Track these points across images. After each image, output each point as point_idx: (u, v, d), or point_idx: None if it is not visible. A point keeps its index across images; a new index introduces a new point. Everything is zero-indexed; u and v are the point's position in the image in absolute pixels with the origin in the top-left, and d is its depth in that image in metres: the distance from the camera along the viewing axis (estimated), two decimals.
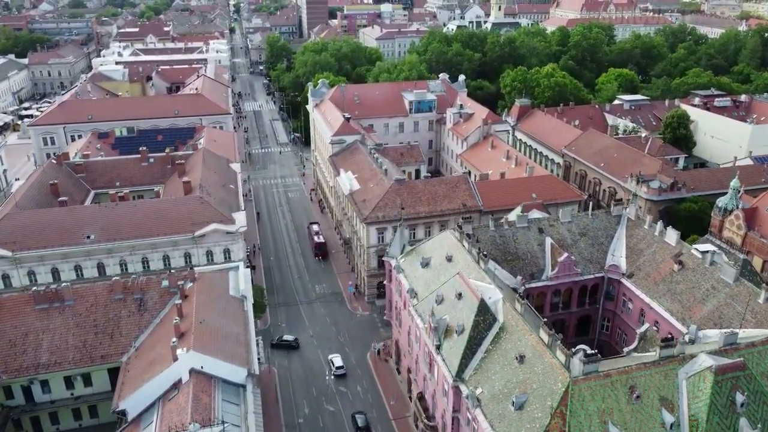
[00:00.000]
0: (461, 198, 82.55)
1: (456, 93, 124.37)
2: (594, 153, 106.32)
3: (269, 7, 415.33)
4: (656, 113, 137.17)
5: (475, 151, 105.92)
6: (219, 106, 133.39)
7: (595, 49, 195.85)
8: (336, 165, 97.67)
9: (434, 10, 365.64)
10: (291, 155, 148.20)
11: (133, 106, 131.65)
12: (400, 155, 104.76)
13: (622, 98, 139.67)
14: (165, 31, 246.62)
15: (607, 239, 64.92)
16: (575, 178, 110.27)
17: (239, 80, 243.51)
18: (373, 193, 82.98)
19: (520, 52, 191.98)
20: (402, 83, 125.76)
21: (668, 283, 57.42)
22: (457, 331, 48.68)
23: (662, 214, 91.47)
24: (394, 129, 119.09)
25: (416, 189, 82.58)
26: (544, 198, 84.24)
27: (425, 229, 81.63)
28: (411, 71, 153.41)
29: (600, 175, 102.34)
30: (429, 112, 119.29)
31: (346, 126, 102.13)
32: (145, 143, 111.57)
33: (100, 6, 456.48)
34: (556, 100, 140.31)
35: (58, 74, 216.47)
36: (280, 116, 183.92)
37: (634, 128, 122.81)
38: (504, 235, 62.91)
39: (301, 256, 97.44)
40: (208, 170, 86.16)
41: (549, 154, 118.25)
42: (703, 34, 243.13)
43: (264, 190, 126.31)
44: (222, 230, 73.04)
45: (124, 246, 70.78)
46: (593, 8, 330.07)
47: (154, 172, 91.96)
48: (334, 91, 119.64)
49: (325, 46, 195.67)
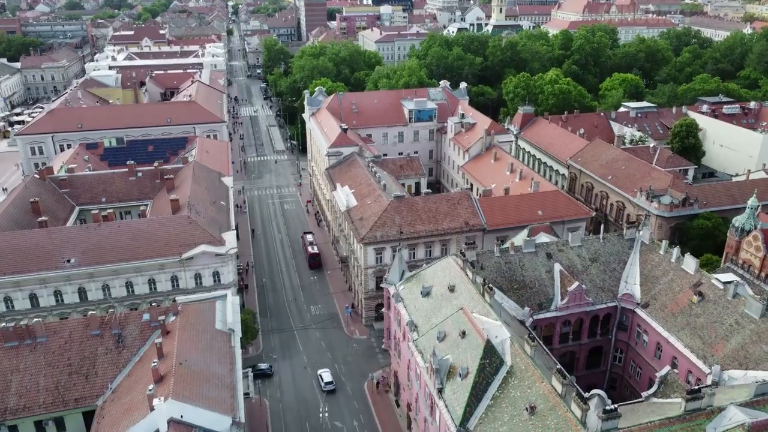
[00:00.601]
0: (463, 216, 78.56)
1: (457, 101, 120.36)
2: (601, 165, 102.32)
3: (268, 9, 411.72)
4: (663, 121, 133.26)
5: (478, 163, 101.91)
6: (213, 114, 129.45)
7: (598, 53, 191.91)
8: (332, 178, 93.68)
9: (434, 11, 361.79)
10: (287, 164, 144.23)
11: (125, 114, 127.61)
12: (400, 167, 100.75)
13: (628, 105, 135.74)
14: (161, 34, 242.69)
15: (619, 265, 60.93)
16: (581, 190, 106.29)
17: (236, 84, 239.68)
18: (370, 210, 78.99)
19: (522, 57, 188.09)
20: (401, 91, 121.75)
21: (687, 315, 53.43)
22: (461, 374, 44.69)
23: (673, 231, 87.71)
24: (394, 138, 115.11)
25: (416, 206, 78.57)
26: (551, 215, 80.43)
27: (426, 249, 77.69)
28: (411, 77, 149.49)
29: (607, 189, 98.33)
30: (429, 121, 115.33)
31: (343, 137, 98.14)
32: (135, 154, 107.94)
33: (98, 7, 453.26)
34: (560, 108, 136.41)
35: (51, 78, 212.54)
36: (277, 122, 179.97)
37: (641, 137, 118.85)
38: (510, 261, 58.92)
39: (296, 273, 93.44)
40: (198, 186, 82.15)
41: (553, 164, 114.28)
42: (707, 37, 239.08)
43: (259, 202, 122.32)
44: (211, 252, 69.06)
45: (107, 270, 66.83)
46: (595, 10, 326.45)
47: (142, 186, 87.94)
48: (331, 100, 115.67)
49: (323, 50, 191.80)
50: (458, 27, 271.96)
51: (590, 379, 61.72)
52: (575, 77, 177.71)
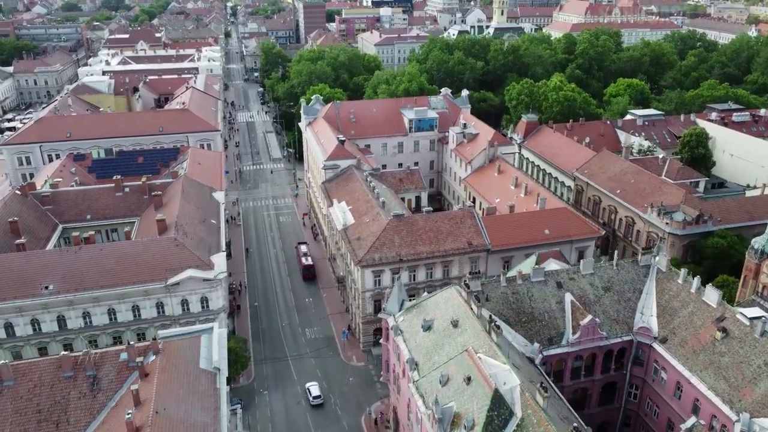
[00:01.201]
0: (466, 235, 74.50)
1: (459, 109, 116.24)
2: (609, 178, 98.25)
3: (266, 11, 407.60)
4: (671, 129, 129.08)
5: (481, 175, 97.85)
6: (207, 123, 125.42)
7: (602, 57, 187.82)
8: (329, 193, 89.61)
9: (435, 13, 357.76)
10: (284, 173, 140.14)
11: (115, 123, 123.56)
12: (399, 181, 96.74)
13: (635, 113, 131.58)
14: (156, 37, 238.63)
15: (634, 294, 56.88)
16: (588, 203, 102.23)
17: (233, 88, 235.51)
18: (368, 229, 74.94)
19: (524, 61, 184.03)
20: (401, 99, 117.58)
21: (710, 353, 49.38)
22: (466, 426, 40.64)
23: (686, 250, 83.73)
24: (393, 149, 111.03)
25: (416, 226, 74.51)
26: (558, 234, 76.53)
27: (427, 271, 73.65)
28: (411, 83, 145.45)
29: (616, 203, 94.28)
30: (430, 131, 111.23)
31: (341, 150, 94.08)
32: (125, 166, 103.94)
33: (95, 9, 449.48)
34: (565, 115, 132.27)
35: (44, 83, 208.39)
36: (274, 128, 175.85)
37: (650, 147, 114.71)
38: (517, 291, 54.87)
39: (291, 292, 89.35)
40: (187, 203, 78.08)
41: (559, 175, 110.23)
42: (712, 40, 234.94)
43: (254, 213, 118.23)
44: (198, 277, 65.06)
45: (88, 297, 62.81)
46: (597, 12, 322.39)
47: (129, 203, 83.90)
48: (328, 109, 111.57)
49: (321, 54, 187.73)
50: (459, 29, 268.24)
51: (604, 416, 57.86)
52: (579, 82, 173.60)
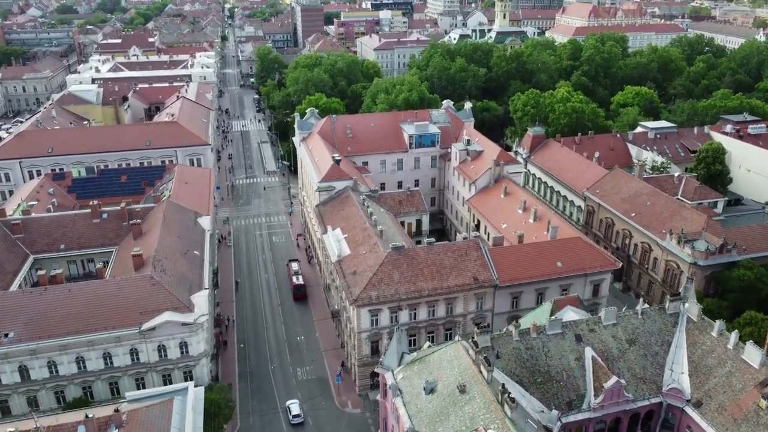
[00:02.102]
0: (472, 269, 68.31)
1: (462, 123, 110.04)
2: (623, 199, 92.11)
3: (264, 13, 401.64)
4: (684, 142, 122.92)
5: (486, 196, 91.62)
6: (196, 136, 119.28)
7: (609, 64, 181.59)
8: (323, 218, 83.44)
9: (435, 16, 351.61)
10: (278, 187, 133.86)
11: (100, 137, 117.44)
12: (399, 203, 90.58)
13: (646, 125, 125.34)
14: (149, 42, 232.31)
15: (662, 347, 50.72)
16: (599, 226, 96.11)
17: (228, 94, 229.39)
18: (365, 263, 68.75)
19: (528, 68, 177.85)
20: (400, 113, 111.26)
21: (754, 425, 43.23)
22: None
23: (708, 281, 77.58)
24: (392, 166, 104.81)
25: (417, 259, 68.30)
26: (572, 267, 70.39)
27: (429, 309, 67.45)
28: (411, 92, 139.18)
29: (630, 227, 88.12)
30: (432, 146, 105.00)
31: (336, 170, 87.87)
32: (107, 186, 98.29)
33: (90, 12, 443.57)
34: (573, 128, 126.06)
35: (33, 90, 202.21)
36: (269, 138, 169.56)
37: (663, 164, 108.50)
38: (532, 347, 48.68)
39: (282, 324, 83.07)
40: (168, 233, 71.88)
41: (568, 194, 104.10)
42: (720, 45, 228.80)
43: (246, 233, 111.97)
44: (177, 321, 58.90)
45: (53, 345, 56.65)
46: (601, 15, 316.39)
47: (107, 230, 77.72)
48: (323, 123, 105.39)
49: (318, 60, 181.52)
50: (460, 33, 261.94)
51: None
52: (584, 89, 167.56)
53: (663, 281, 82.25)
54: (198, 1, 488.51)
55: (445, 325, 68.79)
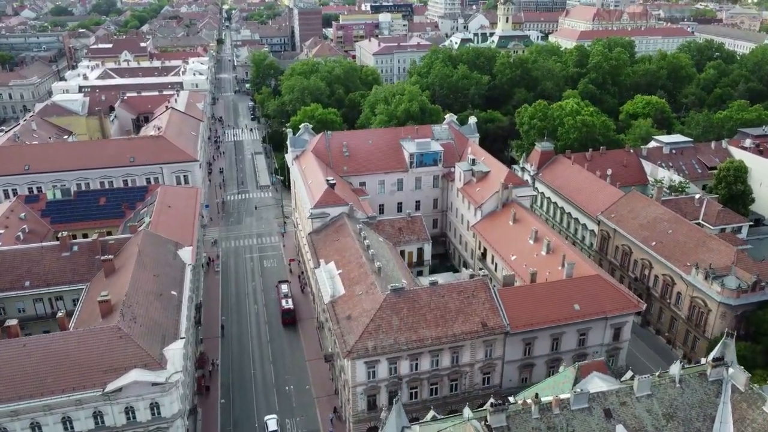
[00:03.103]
0: (480, 313, 61.28)
1: (466, 140, 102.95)
2: (641, 225, 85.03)
3: (262, 15, 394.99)
4: (701, 158, 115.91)
5: (493, 223, 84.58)
6: (184, 152, 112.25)
7: (617, 71, 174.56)
8: (316, 249, 76.41)
9: (436, 19, 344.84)
10: (271, 203, 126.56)
11: (81, 153, 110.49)
12: (399, 230, 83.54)
13: (660, 140, 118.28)
14: (141, 47, 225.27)
15: (705, 423, 43.68)
16: (615, 253, 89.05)
17: (222, 101, 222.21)
18: (361, 306, 61.72)
19: (533, 75, 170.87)
20: (400, 129, 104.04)
21: None
22: None
23: (739, 321, 70.56)
24: (391, 187, 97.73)
25: (419, 302, 61.24)
26: (591, 310, 63.43)
27: (432, 359, 60.41)
28: (411, 102, 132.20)
29: (650, 257, 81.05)
30: (434, 165, 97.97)
31: (330, 195, 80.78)
32: (84, 209, 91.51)
33: (85, 13, 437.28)
34: (583, 142, 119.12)
35: (20, 97, 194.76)
36: (264, 149, 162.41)
37: (682, 184, 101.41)
38: (554, 425, 41.65)
39: (271, 365, 75.86)
40: (143, 270, 64.79)
41: (580, 216, 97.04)
42: (731, 51, 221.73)
43: (236, 256, 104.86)
44: (146, 381, 51.84)
45: (4, 411, 49.57)
46: (605, 18, 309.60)
47: (77, 265, 70.68)
48: (318, 140, 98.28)
49: (315, 67, 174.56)
50: (461, 37, 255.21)
51: None
52: (592, 98, 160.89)
53: (687, 318, 75.25)
54: (195, 3, 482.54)
55: (450, 376, 61.81)
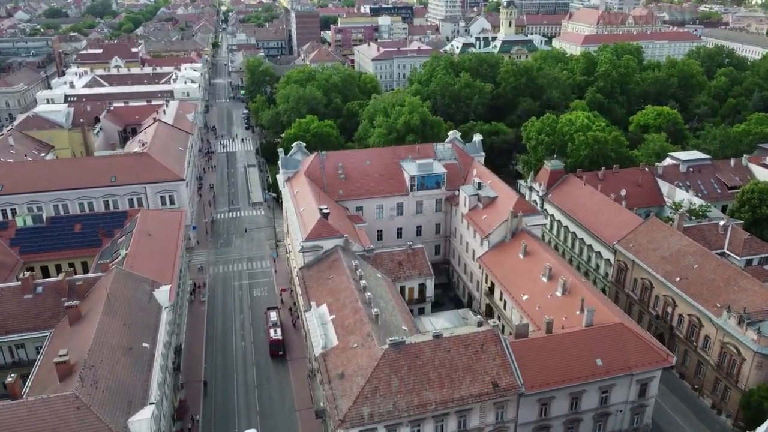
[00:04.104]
0: (490, 371, 54.24)
1: (471, 159, 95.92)
2: (663, 257, 77.95)
3: (259, 18, 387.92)
4: (720, 176, 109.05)
5: (501, 255, 77.51)
6: (169, 170, 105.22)
7: (625, 79, 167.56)
8: (307, 288, 69.35)
9: (436, 22, 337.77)
10: (263, 223, 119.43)
11: (59, 172, 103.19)
12: (398, 265, 76.45)
13: (677, 157, 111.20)
14: (132, 52, 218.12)
15: None
16: (634, 286, 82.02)
17: (216, 108, 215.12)
18: (355, 362, 54.66)
19: (538, 83, 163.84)
20: (400, 148, 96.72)
21: None
22: None
23: None
24: (390, 211, 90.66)
25: (422, 358, 54.18)
26: (615, 365, 56.60)
27: (436, 425, 53.38)
28: (411, 114, 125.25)
29: (674, 294, 73.99)
30: (436, 188, 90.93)
31: (324, 226, 73.66)
32: (57, 237, 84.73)
33: (79, 15, 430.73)
34: (594, 159, 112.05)
35: (5, 105, 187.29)
36: (257, 161, 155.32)
37: (703, 207, 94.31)
38: None
39: (257, 417, 68.89)
40: (112, 319, 57.68)
41: (594, 243, 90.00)
42: (741, 56, 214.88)
43: (224, 283, 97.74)
44: None
45: None
46: (610, 22, 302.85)
47: (42, 309, 63.66)
48: (312, 161, 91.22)
49: (312, 75, 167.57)
50: (463, 42, 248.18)
51: None
52: (600, 108, 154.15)
53: (717, 365, 68.21)
54: (192, 5, 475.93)
55: None
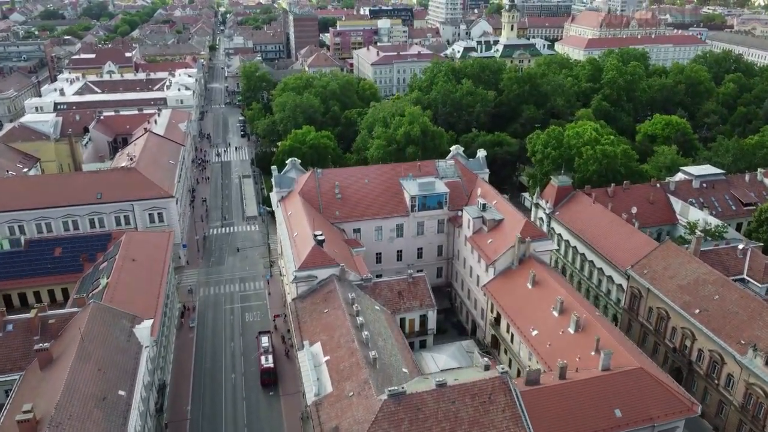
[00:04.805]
0: (499, 425, 49.34)
1: (474, 177, 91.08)
2: (680, 286, 73.07)
3: (257, 20, 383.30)
4: (735, 192, 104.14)
5: (508, 284, 72.70)
6: (158, 187, 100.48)
7: (632, 86, 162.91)
8: (300, 323, 64.49)
9: (437, 25, 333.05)
10: (257, 240, 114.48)
11: (43, 188, 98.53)
12: (398, 295, 71.60)
13: (690, 172, 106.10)
14: (127, 57, 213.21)
15: None
16: (648, 315, 77.15)
17: (212, 114, 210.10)
18: (351, 414, 49.78)
19: (542, 90, 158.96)
20: (400, 166, 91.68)
21: None
22: None
23: None
24: (390, 233, 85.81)
25: (424, 410, 49.31)
26: (635, 416, 51.74)
27: None
28: (412, 125, 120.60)
29: (693, 327, 69.13)
30: (439, 209, 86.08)
31: (318, 254, 68.84)
32: (36, 262, 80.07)
33: (76, 17, 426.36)
34: (603, 174, 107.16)
35: None
36: (252, 172, 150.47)
37: (719, 228, 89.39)
38: None
39: None
40: (86, 363, 52.78)
41: (605, 267, 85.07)
42: (750, 62, 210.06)
43: (214, 307, 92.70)
44: None
45: None
46: (613, 25, 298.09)
47: (11, 349, 58.84)
48: (307, 179, 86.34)
49: (309, 82, 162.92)
50: (464, 46, 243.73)
51: None
52: (606, 116, 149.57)
53: (742, 407, 63.31)
54: (190, 6, 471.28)
55: None
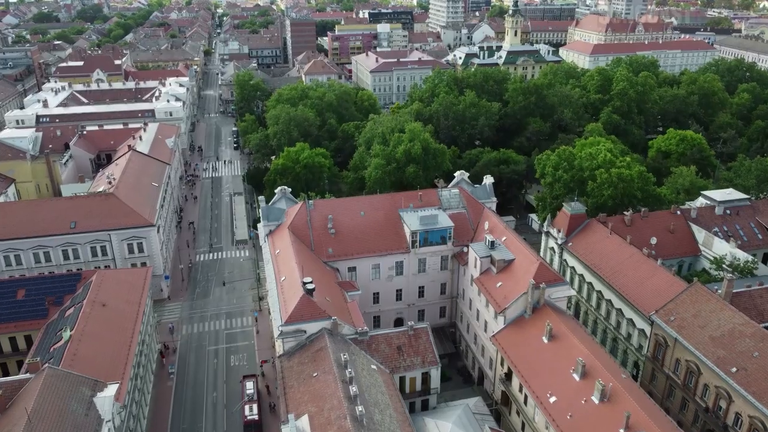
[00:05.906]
0: None
1: (481, 207, 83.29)
2: (712, 338, 65.29)
3: (254, 23, 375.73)
4: (760, 219, 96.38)
5: (520, 335, 64.95)
6: (138, 215, 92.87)
7: (643, 98, 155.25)
8: (285, 388, 56.77)
9: (438, 29, 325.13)
10: (246, 267, 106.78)
11: (10, 217, 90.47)
12: (397, 351, 63.78)
13: (712, 197, 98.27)
14: (116, 65, 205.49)
15: None
16: (675, 366, 69.33)
17: (204, 124, 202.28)
18: None
19: (548, 102, 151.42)
20: (398, 195, 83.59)
21: None
22: None
23: None
24: (389, 271, 78.03)
25: None
26: None
27: None
28: (412, 143, 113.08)
29: (729, 387, 61.43)
30: (442, 244, 78.35)
31: (307, 306, 61.08)
32: None
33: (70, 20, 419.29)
34: (618, 199, 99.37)
35: None
36: (245, 189, 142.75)
37: (748, 264, 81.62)
38: None
39: None
40: None
41: (625, 308, 77.28)
42: (763, 70, 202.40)
43: (197, 349, 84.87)
44: None
45: None
46: (619, 30, 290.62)
47: None
48: (297, 212, 78.49)
49: (304, 93, 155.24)
50: (466, 52, 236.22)
51: None
52: (616, 130, 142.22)
53: None
54: (186, 9, 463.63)
55: None
